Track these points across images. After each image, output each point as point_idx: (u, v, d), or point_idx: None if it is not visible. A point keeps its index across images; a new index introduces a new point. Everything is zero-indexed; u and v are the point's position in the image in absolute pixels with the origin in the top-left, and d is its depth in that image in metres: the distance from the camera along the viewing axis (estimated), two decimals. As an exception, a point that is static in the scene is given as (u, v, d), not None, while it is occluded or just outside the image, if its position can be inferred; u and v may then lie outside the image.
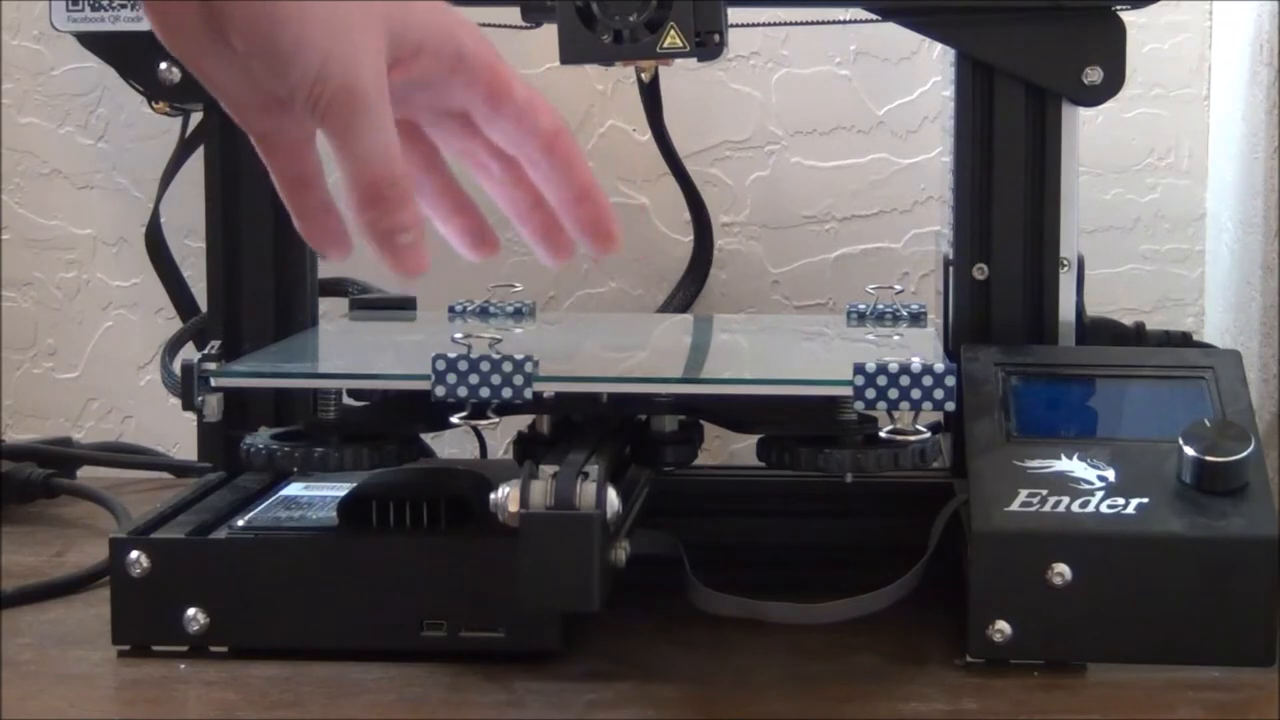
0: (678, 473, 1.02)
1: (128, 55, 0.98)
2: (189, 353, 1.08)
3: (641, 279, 1.30)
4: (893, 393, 0.84)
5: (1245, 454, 0.86)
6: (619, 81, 1.31)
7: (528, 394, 0.84)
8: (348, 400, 0.92)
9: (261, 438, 0.90)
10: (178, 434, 1.30)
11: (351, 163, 0.74)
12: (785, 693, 0.84)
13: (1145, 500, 0.86)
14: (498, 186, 0.82)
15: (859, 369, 0.84)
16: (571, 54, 0.89)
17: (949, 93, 1.03)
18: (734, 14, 0.94)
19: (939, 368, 0.84)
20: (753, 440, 0.92)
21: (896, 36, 1.30)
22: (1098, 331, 1.03)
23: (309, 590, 0.87)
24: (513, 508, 0.79)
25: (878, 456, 0.87)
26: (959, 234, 1.01)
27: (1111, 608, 0.85)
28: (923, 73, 1.30)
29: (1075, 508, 0.86)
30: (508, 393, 0.84)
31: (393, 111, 0.74)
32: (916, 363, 0.84)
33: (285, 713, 0.81)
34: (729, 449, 1.29)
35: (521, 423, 0.95)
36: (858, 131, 1.31)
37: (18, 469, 1.17)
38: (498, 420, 0.86)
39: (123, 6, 0.94)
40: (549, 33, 1.30)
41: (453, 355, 0.84)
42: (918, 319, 1.06)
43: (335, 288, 1.15)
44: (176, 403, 1.03)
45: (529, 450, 0.91)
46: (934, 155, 1.29)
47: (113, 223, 1.34)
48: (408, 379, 0.87)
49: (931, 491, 0.97)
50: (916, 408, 0.84)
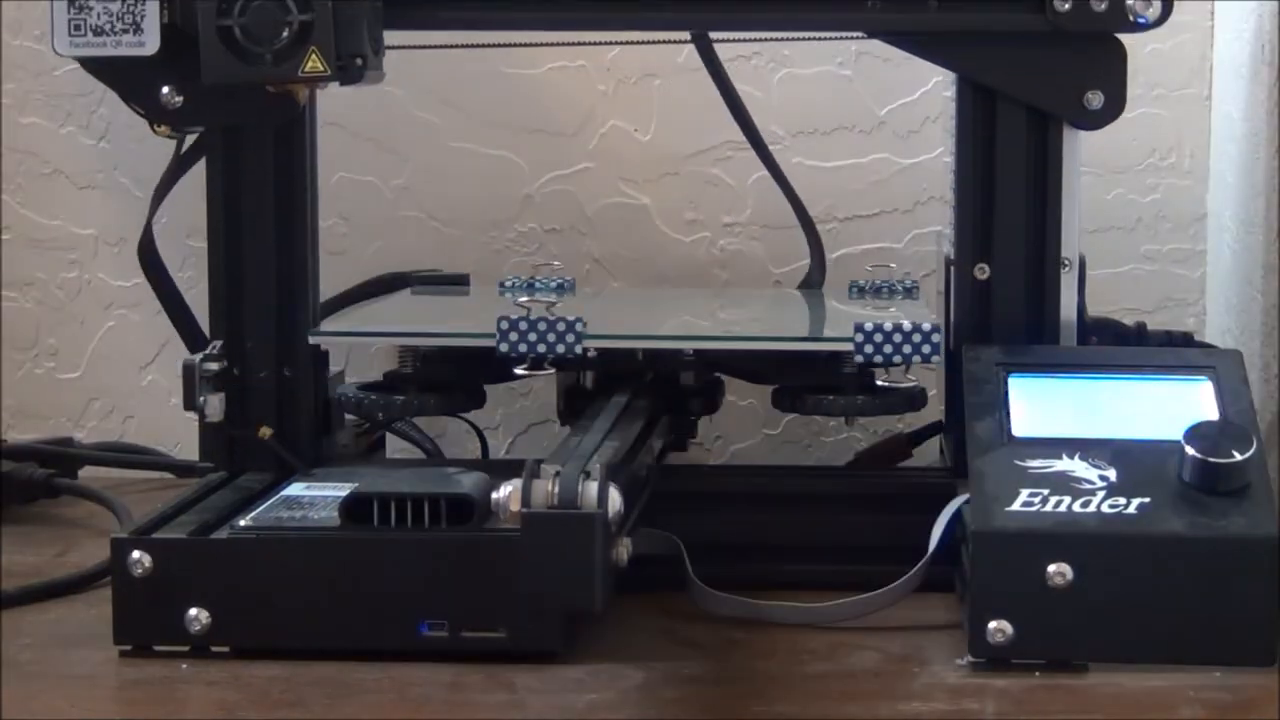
0: (678, 472, 1.03)
1: (129, 79, 0.98)
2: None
3: (642, 279, 1.30)
4: (887, 348, 0.96)
5: (1247, 455, 0.86)
6: (621, 82, 1.31)
7: (578, 349, 0.97)
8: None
9: (349, 388, 1.03)
10: (179, 434, 1.30)
11: None
12: (786, 693, 0.84)
13: (1146, 500, 0.86)
14: None
15: (858, 327, 0.96)
16: (213, 73, 0.90)
17: (950, 93, 1.03)
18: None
19: (926, 326, 0.96)
20: (755, 441, 0.93)
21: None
22: (1099, 331, 1.03)
23: (311, 590, 0.87)
24: (514, 507, 0.80)
25: (872, 401, 1.00)
26: (960, 234, 1.01)
27: (1113, 608, 0.85)
28: (924, 73, 1.30)
29: (1076, 508, 0.86)
30: (561, 348, 0.96)
31: None
32: (907, 323, 0.96)
33: (287, 712, 0.81)
34: (730, 448, 1.29)
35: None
36: (859, 132, 1.31)
37: (19, 469, 1.17)
38: (552, 372, 1.00)
39: (124, 32, 0.94)
40: (554, 33, 1.31)
41: (515, 316, 0.97)
42: (911, 292, 1.14)
43: (401, 281, 1.21)
44: (178, 403, 1.04)
45: (575, 401, 1.03)
46: (935, 155, 1.29)
47: (114, 223, 1.34)
48: (478, 336, 0.99)
49: (932, 491, 0.97)
50: (908, 361, 0.96)
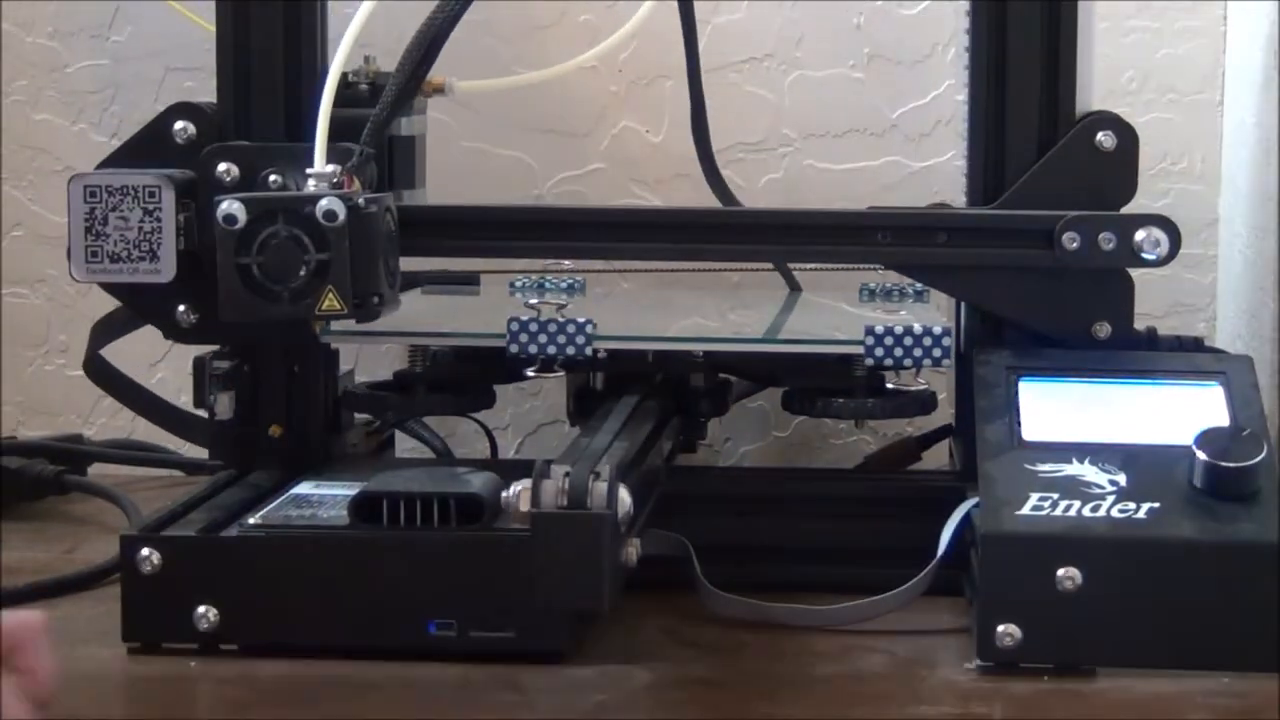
0: (687, 474, 1.03)
1: (147, 300, 1.00)
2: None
3: (654, 280, 1.30)
4: (897, 351, 0.96)
5: (1258, 460, 0.86)
6: (633, 83, 1.31)
7: (588, 351, 0.97)
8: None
9: (359, 387, 1.05)
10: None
11: None
12: (794, 695, 0.84)
13: (1156, 505, 0.86)
14: None
15: (869, 330, 0.96)
16: (231, 311, 0.90)
17: (962, 96, 1.03)
18: (735, 9, 0.94)
19: (937, 329, 0.95)
20: (765, 443, 0.93)
21: (910, 40, 1.31)
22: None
23: (319, 589, 0.87)
24: (524, 507, 0.80)
25: (882, 404, 1.00)
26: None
27: (1122, 612, 0.85)
28: (936, 76, 1.30)
29: (1086, 512, 0.86)
30: (571, 350, 0.97)
31: None
32: (918, 326, 0.96)
33: (295, 711, 0.81)
34: (738, 451, 1.29)
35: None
36: (871, 134, 1.31)
37: (29, 465, 1.17)
38: (562, 374, 1.00)
39: (141, 259, 0.97)
40: (561, 34, 1.31)
41: (525, 318, 0.97)
42: (921, 296, 1.13)
43: (411, 280, 1.18)
44: (188, 400, 1.04)
45: (584, 403, 1.02)
46: (947, 159, 1.28)
47: (125, 220, 1.34)
48: (489, 337, 0.99)
49: (942, 495, 0.97)
50: (918, 364, 0.96)
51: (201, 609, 0.87)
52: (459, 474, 0.91)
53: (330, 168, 0.91)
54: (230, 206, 0.89)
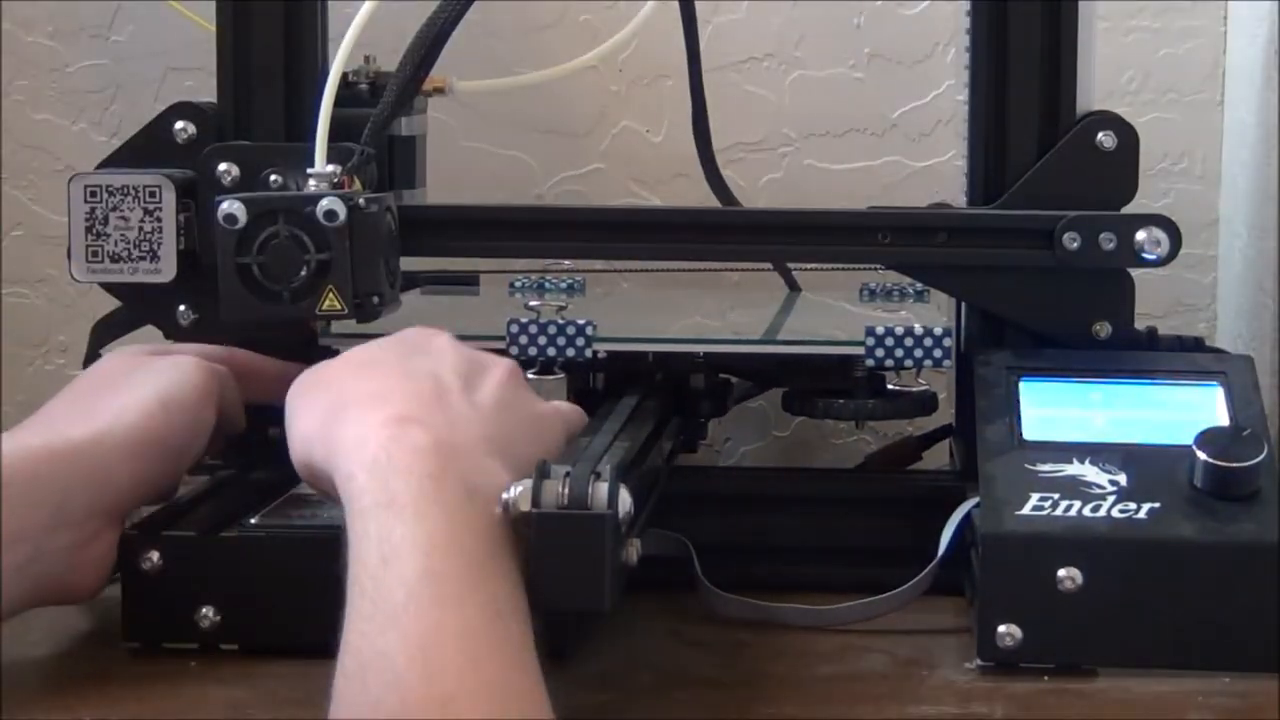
0: (687, 474, 1.03)
1: (147, 300, 1.00)
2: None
3: (653, 280, 1.30)
4: (898, 351, 0.95)
5: (1259, 459, 0.86)
6: (633, 83, 1.31)
7: (589, 353, 0.97)
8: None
9: None
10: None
11: None
12: (795, 695, 0.84)
13: (1157, 505, 0.86)
14: None
15: (869, 331, 0.96)
16: (231, 310, 0.91)
17: (962, 96, 1.03)
18: (735, 9, 0.94)
19: (938, 330, 0.95)
20: (765, 443, 0.93)
21: (910, 39, 1.31)
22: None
23: (321, 589, 0.86)
24: (524, 507, 0.79)
25: (883, 405, 1.00)
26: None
27: (1122, 612, 0.85)
28: (937, 76, 1.30)
29: (1086, 512, 0.86)
30: (571, 351, 0.97)
31: None
32: (918, 326, 0.95)
33: (296, 711, 0.81)
34: (738, 451, 1.29)
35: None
36: (871, 134, 1.31)
37: (29, 465, 1.17)
38: (562, 376, 0.98)
39: (141, 259, 0.97)
40: (561, 34, 1.31)
41: (524, 320, 0.97)
42: (922, 296, 1.13)
43: (410, 280, 1.18)
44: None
45: (584, 403, 0.99)
46: (947, 159, 1.28)
47: (126, 220, 1.34)
48: (488, 339, 0.96)
49: (942, 495, 0.97)
50: (918, 365, 0.96)
51: (202, 609, 0.87)
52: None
53: (330, 168, 0.91)
54: (230, 206, 0.89)
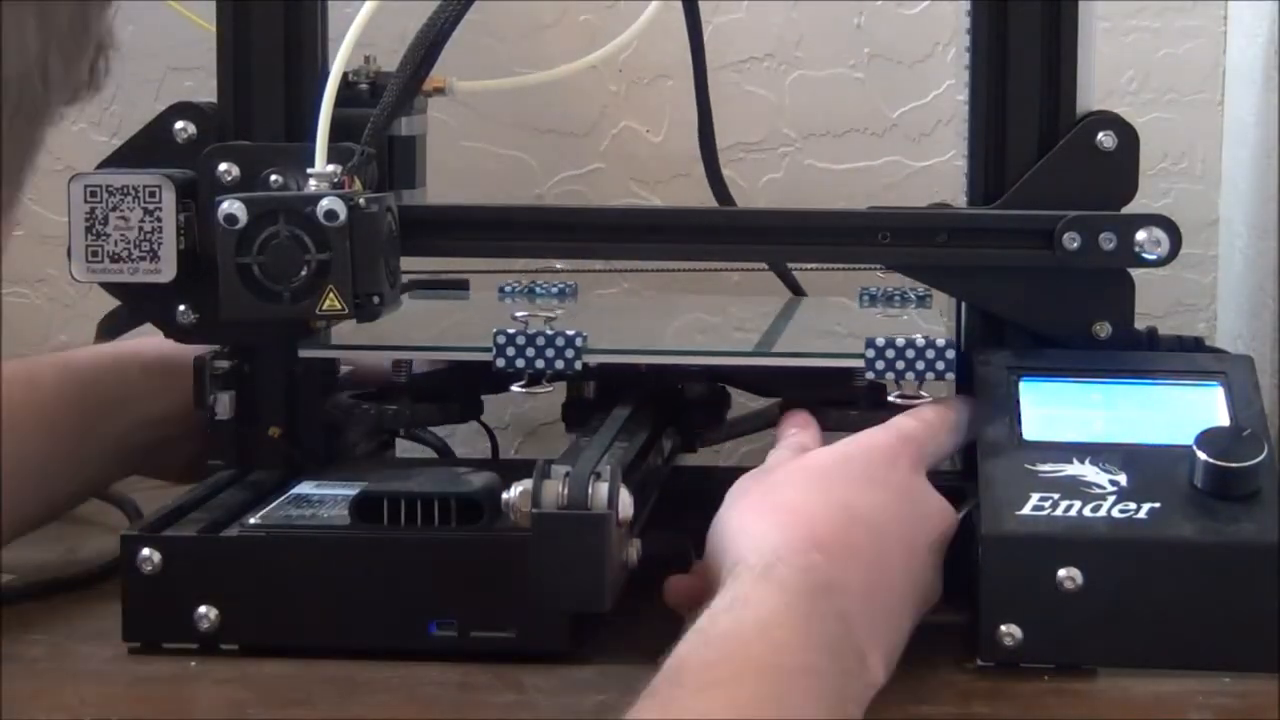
0: (689, 473, 1.03)
1: (147, 300, 1.00)
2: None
3: (653, 280, 1.30)
4: (899, 364, 0.93)
5: (1258, 460, 0.86)
6: (633, 83, 1.31)
7: (578, 365, 0.94)
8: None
9: (342, 398, 0.99)
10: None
11: None
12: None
13: (1157, 505, 0.86)
14: None
15: (870, 343, 0.93)
16: (231, 310, 0.90)
17: (962, 96, 1.03)
18: (735, 9, 0.94)
19: (940, 341, 0.93)
20: (766, 443, 0.93)
21: (911, 39, 1.31)
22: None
23: (320, 589, 0.87)
24: (525, 507, 0.79)
25: (885, 417, 0.92)
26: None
27: (1122, 612, 0.85)
28: (937, 75, 1.30)
29: (1087, 512, 0.86)
30: (560, 364, 0.94)
31: None
32: (920, 337, 0.93)
33: (296, 711, 0.81)
34: (741, 450, 1.29)
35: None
36: (871, 134, 1.31)
37: (29, 465, 1.17)
38: (551, 389, 0.96)
39: (141, 259, 0.97)
40: (563, 34, 1.31)
41: (512, 331, 0.94)
42: (924, 301, 1.11)
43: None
44: (189, 400, 1.04)
45: (576, 413, 1.00)
46: (947, 159, 1.28)
47: (126, 220, 1.34)
48: (473, 350, 0.96)
49: (942, 494, 0.96)
50: (920, 377, 0.93)
51: (202, 609, 0.87)
52: (459, 474, 0.91)
53: (331, 168, 0.91)
54: (231, 206, 0.89)
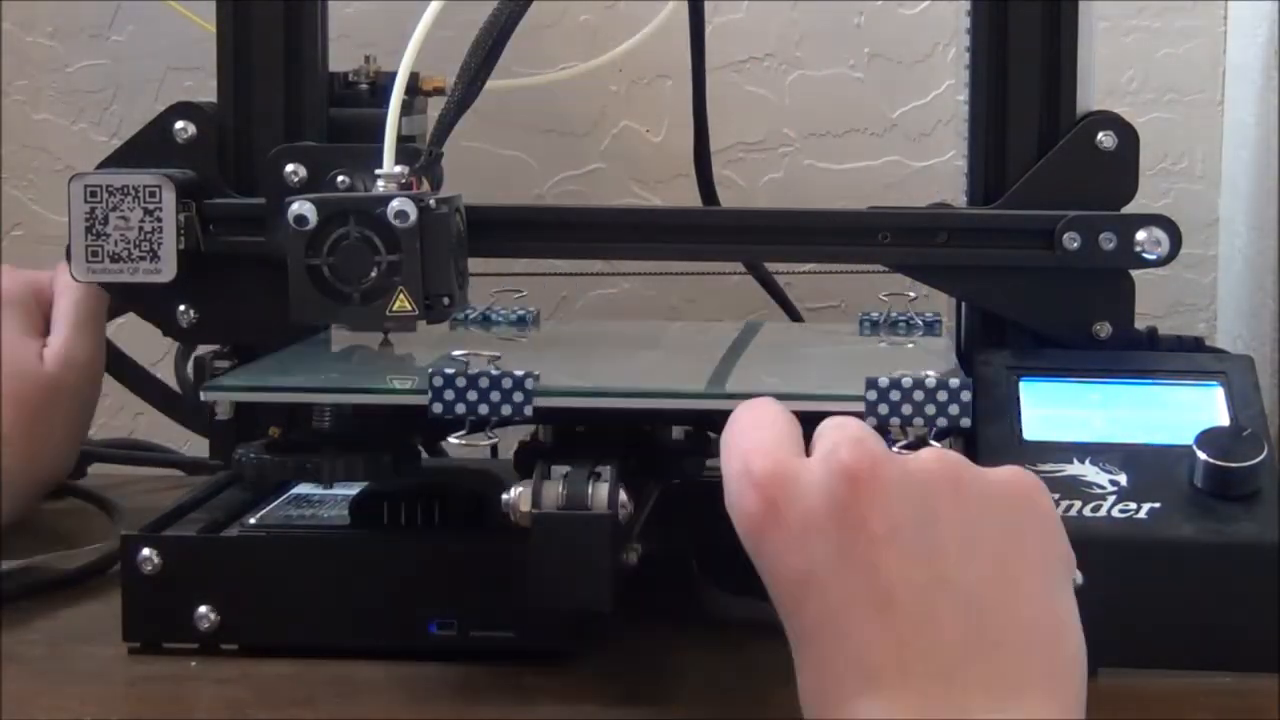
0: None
1: (147, 300, 1.00)
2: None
3: (654, 279, 1.30)
4: (906, 408, 0.81)
5: (1259, 459, 0.86)
6: (633, 83, 1.31)
7: (528, 411, 0.83)
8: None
9: (254, 447, 0.87)
10: (189, 431, 1.30)
11: None
12: (794, 695, 0.83)
13: (1157, 505, 0.86)
14: None
15: (871, 383, 0.81)
16: (301, 313, 0.90)
17: (962, 96, 1.03)
18: (735, 9, 0.94)
19: (954, 382, 0.81)
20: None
21: (911, 39, 1.31)
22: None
23: (320, 588, 0.87)
24: (525, 508, 0.79)
25: None
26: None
27: (1123, 612, 0.85)
28: (937, 75, 1.30)
29: (1087, 512, 0.86)
30: (507, 410, 0.83)
31: None
32: (931, 377, 0.81)
33: (296, 711, 0.81)
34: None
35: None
36: (871, 134, 1.31)
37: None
38: (496, 439, 0.85)
39: (141, 259, 0.97)
40: (561, 34, 1.31)
41: (450, 371, 0.83)
42: (932, 328, 1.06)
43: None
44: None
45: (530, 463, 0.84)
46: (947, 159, 1.29)
47: (126, 220, 1.34)
48: (405, 393, 0.85)
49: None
50: (931, 424, 0.81)
51: (202, 609, 0.87)
52: (460, 474, 0.91)
53: (399, 168, 0.91)
54: (301, 207, 0.89)
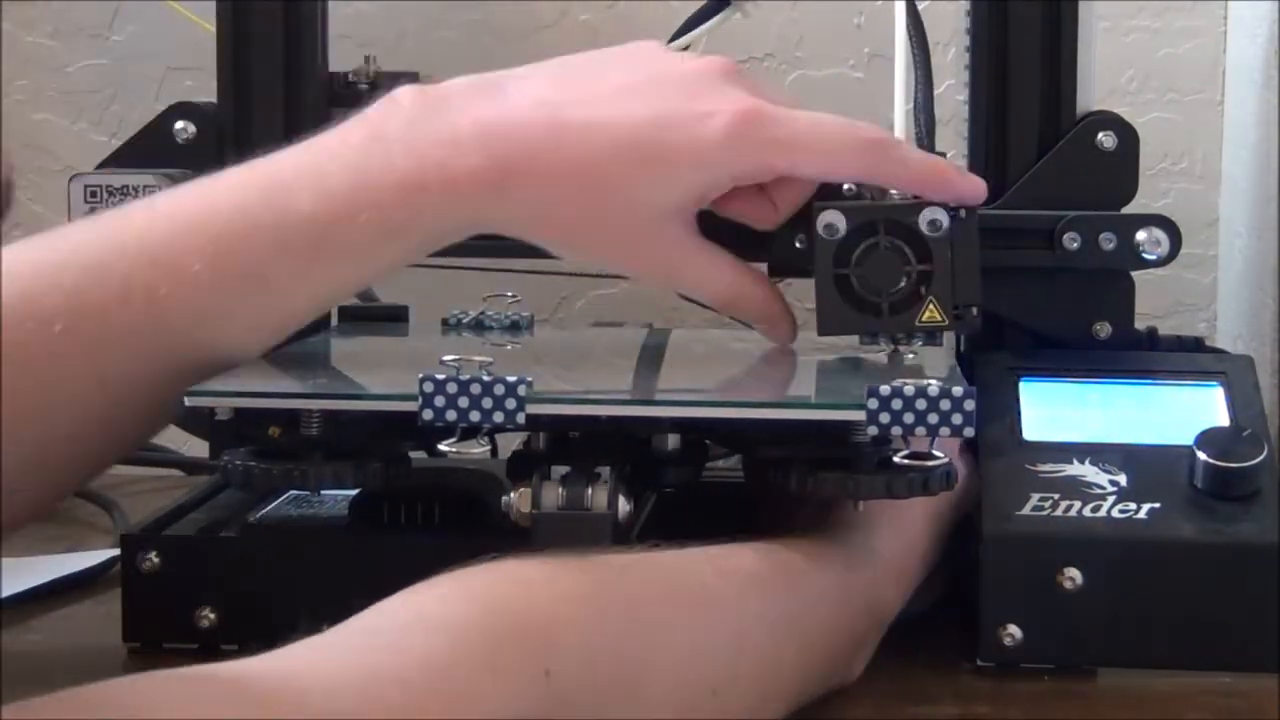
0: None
1: None
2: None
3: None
4: (908, 417, 0.78)
5: (1259, 459, 0.86)
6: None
7: (520, 418, 0.79)
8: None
9: (241, 454, 0.84)
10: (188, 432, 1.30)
11: None
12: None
13: (1157, 505, 0.86)
14: None
15: (872, 392, 0.78)
16: (829, 324, 0.89)
17: (962, 96, 1.03)
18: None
19: (958, 391, 0.78)
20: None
21: (910, 39, 1.30)
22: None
23: (320, 588, 0.87)
24: (525, 508, 0.79)
25: (882, 482, 0.81)
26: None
27: (1122, 612, 0.85)
28: (937, 75, 1.30)
29: (1087, 512, 0.86)
30: (499, 416, 0.79)
31: None
32: (934, 385, 0.78)
33: (295, 711, 0.81)
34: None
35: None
36: (871, 134, 1.31)
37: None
38: (489, 446, 0.81)
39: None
40: (561, 34, 1.31)
41: (441, 377, 0.80)
42: (932, 335, 1.05)
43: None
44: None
45: (523, 470, 0.83)
46: (947, 159, 1.28)
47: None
48: (394, 399, 0.82)
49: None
50: (934, 434, 0.79)
51: (201, 609, 0.87)
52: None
53: None
54: (830, 216, 0.88)
